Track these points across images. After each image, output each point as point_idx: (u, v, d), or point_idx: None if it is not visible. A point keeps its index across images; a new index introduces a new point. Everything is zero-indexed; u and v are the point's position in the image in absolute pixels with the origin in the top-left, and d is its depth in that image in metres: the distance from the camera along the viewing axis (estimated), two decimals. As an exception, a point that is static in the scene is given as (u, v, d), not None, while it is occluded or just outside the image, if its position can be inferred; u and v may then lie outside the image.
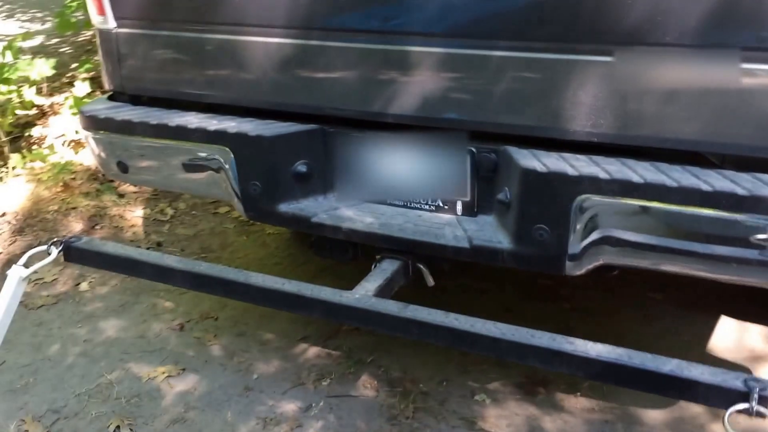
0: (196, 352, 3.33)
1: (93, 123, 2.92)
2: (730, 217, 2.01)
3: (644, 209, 2.11)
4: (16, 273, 2.53)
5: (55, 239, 2.67)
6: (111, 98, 3.08)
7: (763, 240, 1.98)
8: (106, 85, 3.04)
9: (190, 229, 4.58)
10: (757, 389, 1.85)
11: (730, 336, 3.34)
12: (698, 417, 2.83)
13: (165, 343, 3.42)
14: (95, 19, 2.90)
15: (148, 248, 4.28)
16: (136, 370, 3.22)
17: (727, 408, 1.86)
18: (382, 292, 2.43)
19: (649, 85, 2.12)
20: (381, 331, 2.36)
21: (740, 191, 1.98)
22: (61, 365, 3.27)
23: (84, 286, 3.93)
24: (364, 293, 2.37)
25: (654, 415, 2.86)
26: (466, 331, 2.16)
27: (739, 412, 1.86)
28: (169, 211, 4.77)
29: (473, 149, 2.47)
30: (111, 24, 2.86)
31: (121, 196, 4.86)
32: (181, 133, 2.71)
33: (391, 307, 2.28)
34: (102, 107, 2.96)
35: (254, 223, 4.56)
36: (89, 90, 5.36)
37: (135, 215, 4.70)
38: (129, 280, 3.93)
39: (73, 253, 2.68)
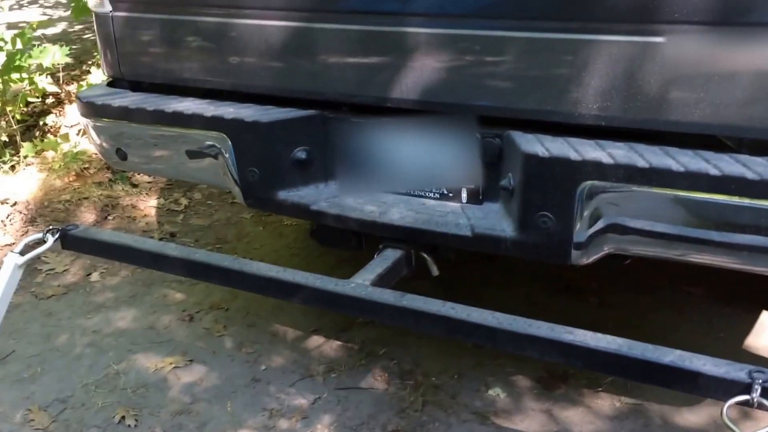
0: (204, 343, 3.41)
1: (91, 110, 3.00)
2: (740, 203, 2.01)
3: (651, 195, 2.11)
4: (12, 260, 2.62)
5: (51, 227, 2.76)
6: (110, 85, 3.16)
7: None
8: (105, 72, 3.12)
9: (205, 220, 4.67)
10: (760, 381, 1.86)
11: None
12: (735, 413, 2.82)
13: (174, 334, 3.50)
14: (91, 2, 2.98)
15: (161, 239, 4.37)
16: (143, 360, 3.30)
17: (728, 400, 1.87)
18: (381, 281, 2.47)
19: (663, 67, 2.12)
20: (377, 320, 2.41)
21: (750, 175, 1.98)
22: (69, 355, 3.37)
23: (95, 276, 4.04)
24: (362, 282, 2.42)
25: (679, 414, 2.86)
26: (462, 320, 2.19)
27: (740, 404, 1.87)
28: (184, 201, 4.86)
29: (479, 135, 2.49)
30: (107, 7, 2.93)
31: (135, 185, 4.97)
32: (179, 119, 2.77)
33: (388, 296, 2.32)
34: (100, 94, 3.04)
35: (271, 213, 4.63)
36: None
37: (148, 205, 4.80)
38: (140, 271, 4.02)
39: (69, 241, 2.77)
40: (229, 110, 2.72)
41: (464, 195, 2.58)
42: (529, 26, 2.29)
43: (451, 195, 2.60)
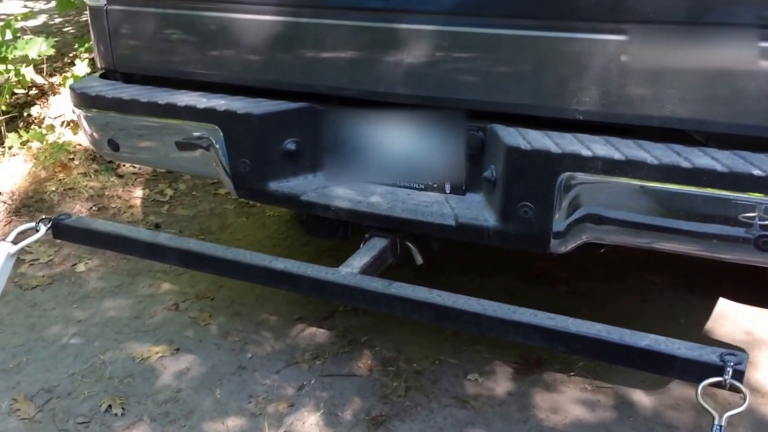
0: (190, 332, 3.43)
1: (84, 101, 3.01)
2: (710, 194, 2.07)
3: (626, 186, 2.17)
4: (4, 249, 2.63)
5: (43, 217, 2.77)
6: (103, 76, 3.17)
7: (742, 217, 2.04)
8: (98, 63, 3.13)
9: (189, 210, 4.69)
10: (732, 363, 1.93)
11: (727, 319, 3.42)
12: (690, 397, 2.90)
13: (160, 323, 3.52)
14: (86, -5, 3.00)
15: (146, 228, 4.38)
16: (129, 350, 3.32)
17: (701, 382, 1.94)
18: (368, 270, 2.52)
19: (636, 64, 2.19)
20: (366, 307, 2.45)
21: (720, 168, 2.05)
22: (54, 345, 3.37)
23: (81, 266, 4.04)
24: (350, 270, 2.46)
25: (647, 396, 2.93)
26: (449, 307, 2.24)
27: (713, 385, 1.94)
28: (169, 192, 4.87)
29: (463, 127, 2.54)
30: (102, 1, 2.95)
31: (120, 176, 4.97)
32: (171, 111, 2.79)
33: (376, 284, 2.37)
34: (93, 85, 3.06)
35: (254, 204, 4.67)
36: (89, 70, 5.46)
37: (134, 196, 4.81)
38: (126, 261, 4.04)
39: (62, 230, 2.78)
40: (221, 102, 2.74)
41: (448, 186, 2.63)
42: (510, 24, 2.35)
43: (435, 186, 2.65)
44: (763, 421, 2.79)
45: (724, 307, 3.50)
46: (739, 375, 1.92)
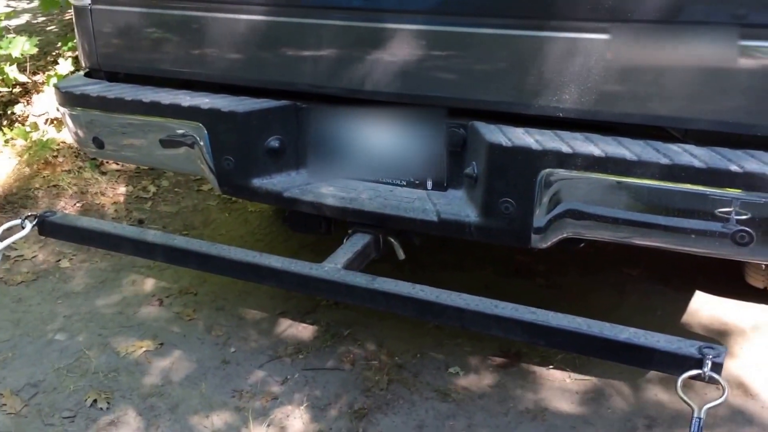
0: (174, 327, 3.39)
1: (69, 99, 2.97)
2: (688, 190, 2.07)
3: (606, 182, 2.17)
4: (-10, 246, 2.59)
5: (29, 214, 2.72)
6: (88, 75, 3.12)
7: (719, 212, 2.04)
8: (83, 62, 3.09)
9: (172, 207, 4.64)
10: (711, 356, 1.93)
11: (704, 310, 3.42)
12: (667, 389, 2.90)
13: (144, 318, 3.47)
14: (70, -6, 2.95)
15: (130, 225, 4.32)
16: (114, 345, 3.27)
17: (681, 374, 1.93)
18: (352, 265, 2.50)
19: (614, 63, 2.18)
20: (349, 302, 2.43)
21: (697, 164, 2.04)
22: (40, 341, 3.32)
23: (65, 263, 3.99)
24: (334, 266, 2.43)
25: (626, 388, 2.93)
26: (431, 301, 2.23)
27: (693, 378, 1.93)
28: (152, 189, 4.82)
29: (445, 125, 2.52)
30: (86, 0, 2.90)
31: (104, 173, 4.91)
32: (156, 109, 2.76)
33: (359, 279, 2.35)
34: (78, 83, 3.01)
35: (236, 200, 4.63)
36: (72, 68, 5.39)
37: (117, 192, 4.75)
38: (110, 257, 3.98)
39: (47, 227, 2.74)
40: (205, 100, 2.72)
41: (430, 182, 2.62)
42: (490, 23, 2.34)
43: (417, 182, 2.64)
44: (740, 411, 2.80)
45: (700, 299, 3.50)
46: (717, 368, 1.92)
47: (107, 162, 4.98)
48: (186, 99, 2.76)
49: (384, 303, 2.31)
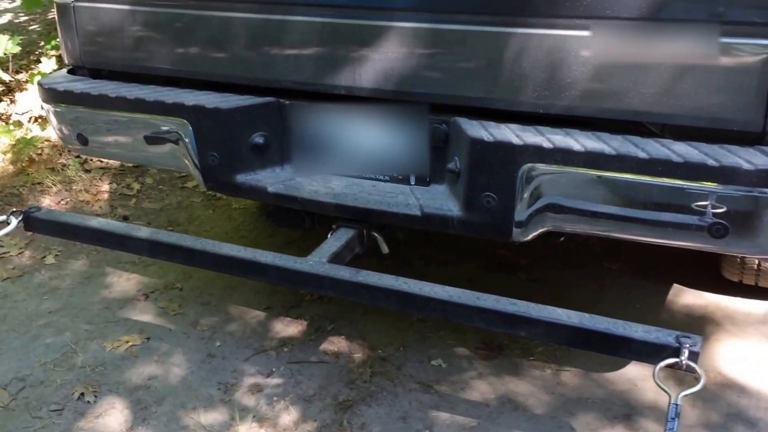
0: (160, 322, 3.39)
1: (53, 96, 2.96)
2: (666, 184, 2.09)
3: (586, 177, 2.19)
4: (-23, 242, 2.58)
5: (14, 210, 2.71)
6: (71, 72, 3.12)
7: (696, 205, 2.07)
8: (66, 60, 3.08)
9: (156, 203, 4.63)
10: (688, 345, 1.96)
11: (681, 303, 3.45)
12: (645, 380, 2.93)
13: (130, 313, 3.47)
14: (53, -9, 2.94)
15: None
16: (101, 340, 3.26)
17: (658, 363, 1.96)
18: (336, 259, 2.51)
19: (593, 59, 2.20)
20: (334, 295, 2.44)
21: (675, 158, 2.07)
22: (25, 336, 3.31)
23: (50, 259, 3.97)
24: (319, 260, 2.44)
25: (605, 378, 2.95)
26: (415, 294, 2.25)
27: (670, 366, 1.96)
28: (136, 186, 4.81)
29: (427, 121, 2.54)
30: (69, -3, 2.90)
31: (87, 171, 4.89)
32: (141, 105, 2.75)
33: (344, 272, 2.36)
34: (61, 80, 3.00)
35: (221, 197, 4.63)
36: (56, 67, 5.36)
37: (102, 190, 4.74)
38: (95, 253, 3.98)
39: (33, 223, 2.74)
40: (189, 97, 2.72)
41: (413, 178, 2.63)
42: (472, 20, 2.35)
43: (400, 177, 2.65)
44: (716, 401, 2.83)
45: (678, 292, 3.53)
46: (694, 356, 1.95)
47: (91, 159, 4.97)
48: (171, 96, 2.75)
49: (368, 296, 2.32)
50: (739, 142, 2.11)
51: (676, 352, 1.96)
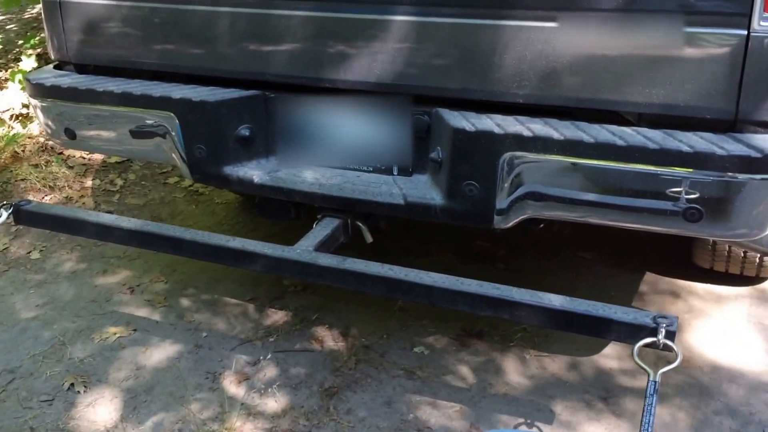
0: (146, 314, 3.40)
1: (40, 91, 2.96)
2: (642, 170, 2.14)
3: (565, 164, 2.22)
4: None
5: (5, 203, 2.71)
6: (57, 68, 3.11)
7: (671, 191, 2.11)
8: (52, 55, 3.07)
9: (140, 199, 4.62)
10: (665, 325, 2.00)
11: (654, 290, 3.52)
12: (621, 364, 2.99)
13: (116, 306, 3.47)
14: (40, -13, 2.94)
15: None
16: (88, 332, 3.27)
17: (637, 342, 2.00)
18: (322, 248, 2.53)
19: (571, 50, 2.24)
20: (322, 282, 2.46)
21: (651, 145, 2.12)
22: (13, 329, 3.31)
23: (35, 254, 3.96)
24: (306, 248, 2.47)
25: (582, 364, 3.01)
26: (401, 279, 2.28)
27: (648, 346, 2.01)
28: (119, 182, 4.80)
29: (410, 112, 2.56)
30: (55, -7, 2.90)
31: (71, 167, 4.87)
32: (128, 99, 2.75)
33: (330, 260, 2.39)
34: (48, 75, 3.00)
35: (203, 192, 4.64)
36: (36, 65, 5.34)
37: (85, 186, 4.72)
38: (80, 248, 3.97)
39: (23, 216, 2.74)
40: (176, 91, 2.72)
41: (396, 168, 2.65)
42: (451, 13, 2.37)
43: (383, 168, 2.67)
44: (691, 384, 2.89)
45: (651, 280, 3.60)
46: (671, 335, 2.00)
47: (73, 156, 4.95)
48: (157, 89, 2.76)
49: (355, 282, 2.35)
50: (713, 130, 2.15)
51: (654, 331, 2.01)
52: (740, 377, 2.92)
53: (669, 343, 1.98)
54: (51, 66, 3.14)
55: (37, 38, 6.02)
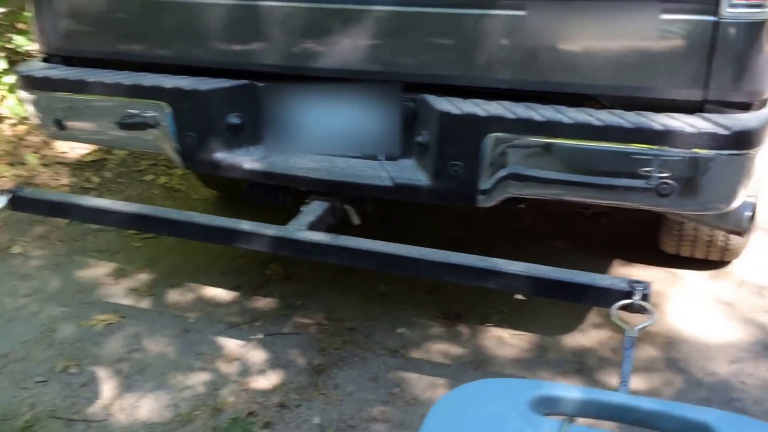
0: (133, 302, 3.49)
1: (30, 82, 3.04)
2: (618, 149, 2.31)
3: (546, 145, 2.38)
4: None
5: (3, 189, 2.79)
6: (45, 61, 3.19)
7: (644, 168, 2.28)
8: (40, 48, 3.15)
9: (117, 196, 4.68)
10: (640, 289, 2.17)
11: (622, 275, 3.69)
12: (595, 341, 3.16)
13: (102, 295, 3.55)
14: (28, -19, 3.02)
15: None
16: (76, 319, 3.34)
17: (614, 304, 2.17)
18: (312, 229, 2.65)
19: (551, 38, 2.40)
20: (316, 258, 2.57)
21: (626, 124, 2.28)
22: (2, 318, 3.37)
23: (16, 248, 4.01)
24: (298, 227, 2.59)
25: (559, 341, 3.17)
26: (391, 254, 2.42)
27: (624, 308, 2.17)
28: (95, 179, 4.86)
29: (397, 99, 2.70)
30: (45, -15, 2.99)
31: (46, 165, 4.93)
32: (118, 89, 2.85)
33: (324, 237, 2.52)
34: (38, 68, 3.08)
35: (179, 189, 4.73)
36: (6, 67, 5.37)
37: (61, 183, 4.78)
38: (61, 243, 4.04)
39: (20, 202, 2.81)
40: (167, 80, 2.82)
41: (383, 154, 2.78)
42: (437, 2, 2.51)
43: (370, 153, 2.80)
44: (663, 363, 3.06)
45: (619, 266, 3.78)
46: (645, 298, 2.16)
47: (50, 152, 5.00)
48: (148, 79, 2.86)
49: (348, 258, 2.48)
50: (683, 111, 2.33)
51: (629, 294, 2.18)
52: (705, 349, 3.10)
53: (644, 303, 2.14)
54: (40, 59, 3.22)
55: (3, 40, 6.04)
